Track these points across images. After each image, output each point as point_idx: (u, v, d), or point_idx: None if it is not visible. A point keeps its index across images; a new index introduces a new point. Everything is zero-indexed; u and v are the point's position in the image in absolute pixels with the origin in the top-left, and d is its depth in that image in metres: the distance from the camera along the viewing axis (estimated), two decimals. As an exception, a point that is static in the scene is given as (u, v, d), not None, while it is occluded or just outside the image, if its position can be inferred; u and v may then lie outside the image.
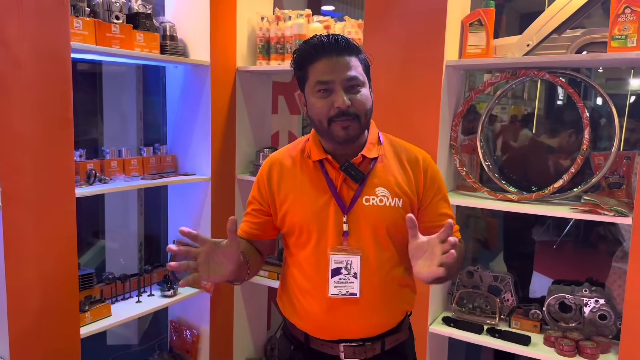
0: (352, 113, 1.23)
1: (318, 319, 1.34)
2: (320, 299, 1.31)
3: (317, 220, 1.31)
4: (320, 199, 1.31)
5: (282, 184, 1.36)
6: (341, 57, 1.24)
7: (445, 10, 1.97)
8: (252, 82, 2.67)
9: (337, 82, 1.23)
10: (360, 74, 1.26)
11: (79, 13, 1.97)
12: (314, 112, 1.27)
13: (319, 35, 1.28)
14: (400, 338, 1.41)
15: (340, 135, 1.25)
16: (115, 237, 3.44)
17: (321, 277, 1.30)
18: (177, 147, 2.57)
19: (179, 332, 2.67)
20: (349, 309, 1.31)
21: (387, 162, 1.35)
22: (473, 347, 2.43)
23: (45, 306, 1.81)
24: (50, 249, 1.81)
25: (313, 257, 1.32)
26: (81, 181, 2.06)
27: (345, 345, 1.34)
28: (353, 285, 1.29)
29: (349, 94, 1.23)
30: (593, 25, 2.01)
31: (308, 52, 1.26)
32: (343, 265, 1.29)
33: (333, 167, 1.32)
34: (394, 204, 1.31)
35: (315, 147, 1.34)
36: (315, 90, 1.25)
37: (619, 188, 1.94)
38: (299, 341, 1.40)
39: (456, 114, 2.15)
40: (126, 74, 3.28)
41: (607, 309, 1.95)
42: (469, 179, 2.12)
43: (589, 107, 2.34)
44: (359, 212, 1.30)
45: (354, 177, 1.29)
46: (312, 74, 1.25)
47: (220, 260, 1.19)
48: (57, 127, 1.80)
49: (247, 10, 2.57)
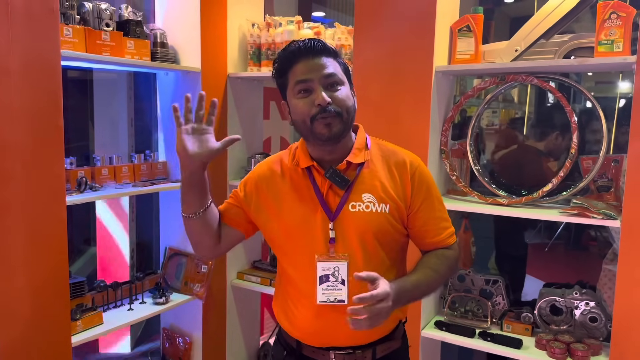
0: (334, 110, 1.23)
1: (308, 326, 1.34)
2: (309, 306, 1.32)
3: (304, 227, 1.31)
4: (307, 206, 1.31)
5: (270, 190, 1.37)
6: (318, 58, 1.25)
7: (434, 16, 1.99)
8: (243, 88, 2.67)
9: (316, 81, 1.24)
10: (338, 72, 1.27)
11: (69, 21, 1.97)
12: (296, 113, 1.27)
13: (295, 40, 1.30)
14: (392, 346, 1.40)
15: (324, 132, 1.25)
16: (107, 244, 3.42)
17: (309, 284, 1.30)
18: (169, 154, 2.56)
19: (171, 339, 2.66)
20: (337, 316, 1.29)
21: (374, 167, 1.34)
22: (466, 351, 2.44)
23: (36, 315, 1.80)
24: (41, 257, 1.80)
25: (301, 265, 1.32)
26: (72, 189, 2.05)
27: (335, 352, 1.34)
28: (341, 292, 1.28)
29: (328, 92, 1.24)
30: (583, 30, 2.04)
31: (286, 58, 1.27)
32: (330, 272, 1.28)
33: (319, 174, 1.32)
34: (381, 210, 1.31)
35: (303, 154, 1.34)
36: (296, 92, 1.25)
37: (607, 191, 1.96)
38: (291, 347, 1.41)
39: (446, 119, 2.16)
40: (117, 81, 3.28)
41: (597, 312, 1.97)
42: (459, 183, 2.13)
43: (578, 111, 2.37)
44: (346, 218, 1.30)
45: (339, 184, 1.30)
46: (292, 77, 1.26)
47: (202, 143, 1.28)
48: (48, 135, 1.79)
49: (238, 17, 2.58)
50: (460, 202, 2.09)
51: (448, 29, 2.11)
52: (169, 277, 2.56)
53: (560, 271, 4.33)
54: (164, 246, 2.65)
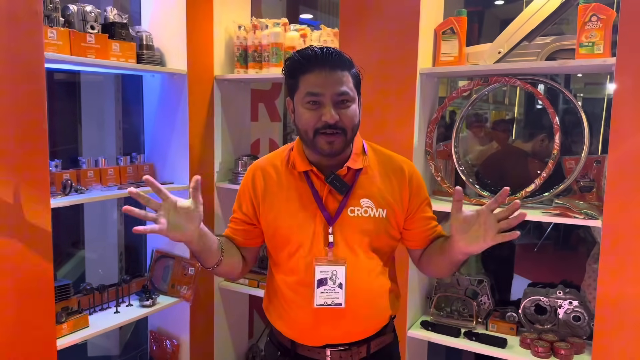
0: (340, 127, 1.25)
1: (303, 327, 1.35)
2: (306, 308, 1.32)
3: (303, 231, 1.32)
4: (306, 210, 1.32)
5: (267, 193, 1.36)
6: (333, 71, 1.25)
7: (418, 19, 2.01)
8: (230, 90, 2.68)
9: (327, 96, 1.24)
10: (350, 89, 1.27)
11: (53, 23, 1.96)
12: (301, 122, 1.28)
13: (312, 46, 1.29)
14: (385, 341, 1.43)
15: (325, 149, 1.26)
16: (95, 247, 3.41)
17: (306, 287, 1.31)
18: (155, 156, 2.56)
19: (158, 342, 2.65)
20: (334, 318, 1.32)
21: (372, 173, 1.37)
22: (454, 351, 2.45)
23: (21, 318, 1.79)
24: (26, 260, 1.79)
25: (298, 268, 1.33)
26: (57, 191, 2.04)
27: (331, 350, 1.35)
28: (338, 295, 1.30)
29: (337, 109, 1.24)
30: (571, 31, 2.06)
31: (300, 63, 1.27)
32: (328, 275, 1.30)
33: (318, 179, 1.33)
34: (378, 215, 1.33)
35: (300, 157, 1.35)
36: (305, 102, 1.25)
37: (589, 191, 1.99)
38: (285, 347, 1.41)
39: (431, 120, 2.18)
40: (105, 83, 3.27)
41: (580, 310, 1.99)
42: (444, 184, 2.15)
43: (564, 113, 2.39)
44: (344, 223, 1.31)
45: (339, 189, 1.31)
46: (303, 85, 1.26)
47: (182, 218, 1.18)
48: (32, 137, 1.78)
49: (224, 19, 2.59)
50: (446, 203, 2.11)
51: (432, 31, 2.12)
52: (155, 280, 2.56)
53: (549, 271, 4.37)
54: (151, 249, 2.65)
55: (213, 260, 1.32)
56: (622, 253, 1.70)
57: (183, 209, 1.18)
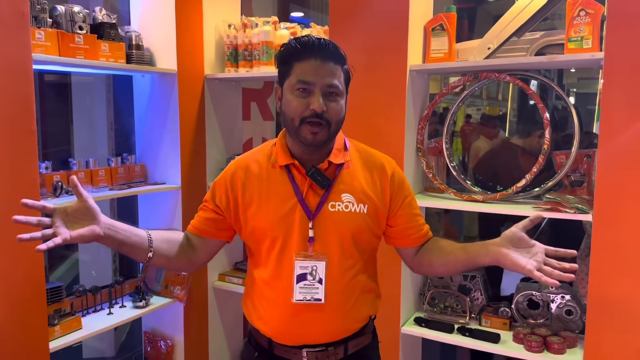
0: (325, 119, 1.25)
1: (281, 324, 1.34)
2: (284, 304, 1.32)
3: (283, 225, 1.31)
4: (286, 204, 1.31)
5: (246, 189, 1.35)
6: (327, 62, 1.25)
7: (408, 16, 2.01)
8: (221, 90, 2.67)
9: (318, 86, 1.24)
10: (341, 83, 1.28)
11: (41, 24, 1.95)
12: (288, 109, 1.27)
13: (310, 35, 1.29)
14: (363, 342, 1.42)
15: (308, 138, 1.26)
16: (88, 249, 3.40)
17: (285, 282, 1.31)
18: (146, 157, 2.55)
19: (153, 343, 2.65)
20: (313, 314, 1.31)
21: (353, 168, 1.36)
22: (449, 348, 2.46)
23: (13, 321, 1.78)
24: (17, 263, 1.78)
25: (277, 263, 1.32)
26: (47, 193, 2.03)
27: (308, 350, 1.34)
28: (318, 290, 1.29)
29: (325, 100, 1.25)
30: (563, 26, 2.07)
31: (296, 49, 1.27)
32: (308, 271, 1.29)
33: (299, 173, 1.33)
34: (359, 210, 1.33)
35: (282, 152, 1.34)
36: (295, 89, 1.25)
37: (580, 186, 1.99)
38: (262, 348, 1.40)
39: (422, 117, 2.18)
40: (96, 84, 3.25)
41: (573, 305, 1.99)
42: (436, 180, 2.15)
43: (557, 108, 2.40)
44: (325, 218, 1.31)
45: (320, 183, 1.30)
46: (295, 72, 1.26)
47: (78, 217, 1.17)
48: (21, 139, 1.77)
49: (214, 18, 2.58)
50: (437, 200, 2.11)
51: (422, 28, 2.12)
52: (149, 281, 2.55)
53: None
54: (144, 249, 2.64)
55: (142, 255, 1.31)
56: (613, 246, 1.71)
57: (74, 209, 1.18)
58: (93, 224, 1.19)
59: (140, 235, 1.32)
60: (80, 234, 1.16)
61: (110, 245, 1.25)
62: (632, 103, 1.65)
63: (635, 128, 1.65)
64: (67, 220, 1.17)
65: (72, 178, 1.20)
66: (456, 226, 2.96)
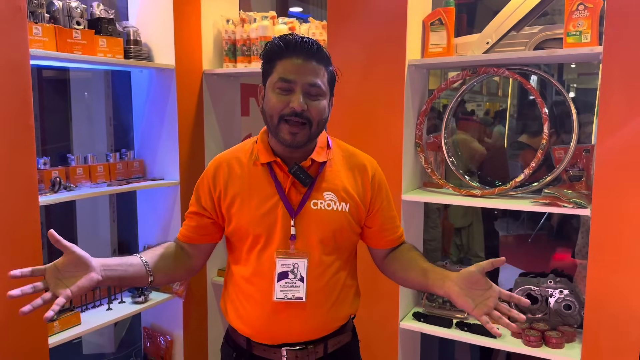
0: (306, 117, 1.23)
1: (261, 323, 1.32)
2: (264, 303, 1.30)
3: (265, 223, 1.30)
4: (268, 202, 1.30)
5: (229, 187, 1.33)
6: (309, 61, 1.24)
7: (406, 11, 2.00)
8: (219, 85, 2.67)
9: (299, 84, 1.22)
10: (323, 83, 1.26)
11: (38, 19, 1.95)
12: (268, 106, 1.26)
13: (295, 34, 1.28)
14: (343, 340, 1.41)
15: (286, 139, 1.25)
16: (88, 244, 3.40)
17: (266, 280, 1.30)
18: (145, 152, 2.55)
19: (152, 338, 2.65)
20: (293, 312, 1.30)
21: (336, 167, 1.36)
22: (447, 342, 2.46)
23: (11, 317, 1.78)
24: (16, 258, 1.78)
25: (258, 261, 1.31)
26: (46, 189, 2.03)
27: (287, 349, 1.33)
28: (299, 289, 1.29)
29: (307, 99, 1.23)
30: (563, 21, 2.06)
31: (279, 47, 1.25)
32: (289, 269, 1.29)
33: (282, 170, 1.32)
34: (341, 209, 1.32)
35: (264, 149, 1.33)
36: (276, 87, 1.24)
37: (579, 180, 1.99)
38: (240, 348, 1.38)
39: (420, 112, 2.17)
40: (94, 79, 3.25)
41: (571, 299, 1.99)
42: (434, 176, 2.15)
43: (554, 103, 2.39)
44: (307, 216, 1.30)
45: (302, 181, 1.29)
46: (277, 70, 1.24)
47: (71, 271, 1.14)
48: (18, 135, 1.77)
49: (212, 13, 2.57)
50: (436, 195, 2.11)
51: (420, 22, 2.12)
52: (148, 276, 2.55)
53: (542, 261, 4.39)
54: (143, 245, 2.64)
55: (143, 283, 1.30)
56: (612, 241, 1.71)
57: (64, 264, 1.14)
58: (88, 272, 1.16)
59: (135, 263, 1.29)
60: (80, 287, 1.13)
61: (112, 284, 1.24)
62: (630, 97, 1.65)
63: (634, 123, 1.65)
64: (61, 277, 1.13)
65: (51, 232, 1.12)
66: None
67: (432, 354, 2.77)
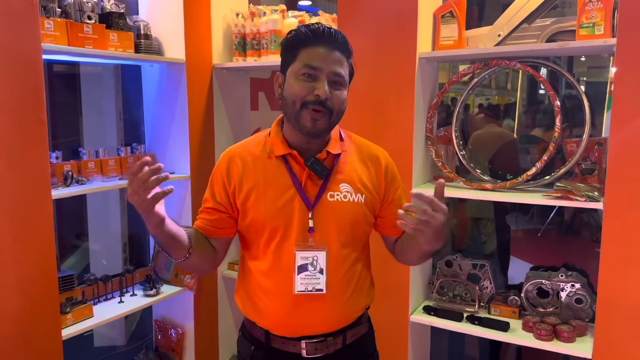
0: (328, 106, 1.23)
1: (281, 316, 1.33)
2: (283, 296, 1.31)
3: (282, 216, 1.30)
4: (285, 195, 1.30)
5: (243, 181, 1.33)
6: (335, 51, 1.25)
7: (417, 3, 1.99)
8: (229, 79, 2.67)
9: (325, 72, 1.23)
10: (346, 74, 1.27)
11: (50, 14, 1.95)
12: (290, 92, 1.25)
13: (321, 23, 1.28)
14: (360, 331, 1.42)
15: (307, 125, 1.24)
16: (99, 239, 3.43)
17: (285, 274, 1.30)
18: (156, 146, 2.56)
19: (163, 330, 2.67)
20: (313, 305, 1.31)
21: (350, 159, 1.36)
22: (457, 336, 2.46)
23: (25, 309, 1.81)
24: (29, 251, 1.81)
25: (276, 254, 1.31)
26: (58, 183, 2.05)
27: (307, 342, 1.33)
28: (319, 281, 1.29)
29: (330, 88, 1.24)
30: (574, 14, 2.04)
31: (306, 35, 1.25)
32: (309, 261, 1.29)
33: (297, 163, 1.32)
34: (357, 200, 1.33)
35: (279, 142, 1.33)
36: (301, 73, 1.24)
37: (591, 174, 1.98)
38: (258, 341, 1.39)
39: (431, 105, 2.17)
40: (104, 74, 3.27)
41: (583, 293, 1.99)
42: (445, 169, 2.14)
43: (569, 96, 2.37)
44: (324, 208, 1.30)
45: (319, 173, 1.30)
46: (301, 58, 1.24)
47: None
48: (31, 129, 1.78)
49: (222, 7, 2.57)
50: (447, 188, 2.08)
51: (431, 15, 2.11)
52: (159, 269, 2.57)
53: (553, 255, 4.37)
54: (153, 240, 2.66)
55: (182, 252, 1.28)
56: (624, 235, 1.70)
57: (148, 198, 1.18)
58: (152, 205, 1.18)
59: (184, 233, 1.29)
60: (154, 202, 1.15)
61: (163, 238, 1.22)
62: (644, 90, 1.63)
63: (648, 115, 1.63)
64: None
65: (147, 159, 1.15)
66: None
67: (442, 347, 2.77)
